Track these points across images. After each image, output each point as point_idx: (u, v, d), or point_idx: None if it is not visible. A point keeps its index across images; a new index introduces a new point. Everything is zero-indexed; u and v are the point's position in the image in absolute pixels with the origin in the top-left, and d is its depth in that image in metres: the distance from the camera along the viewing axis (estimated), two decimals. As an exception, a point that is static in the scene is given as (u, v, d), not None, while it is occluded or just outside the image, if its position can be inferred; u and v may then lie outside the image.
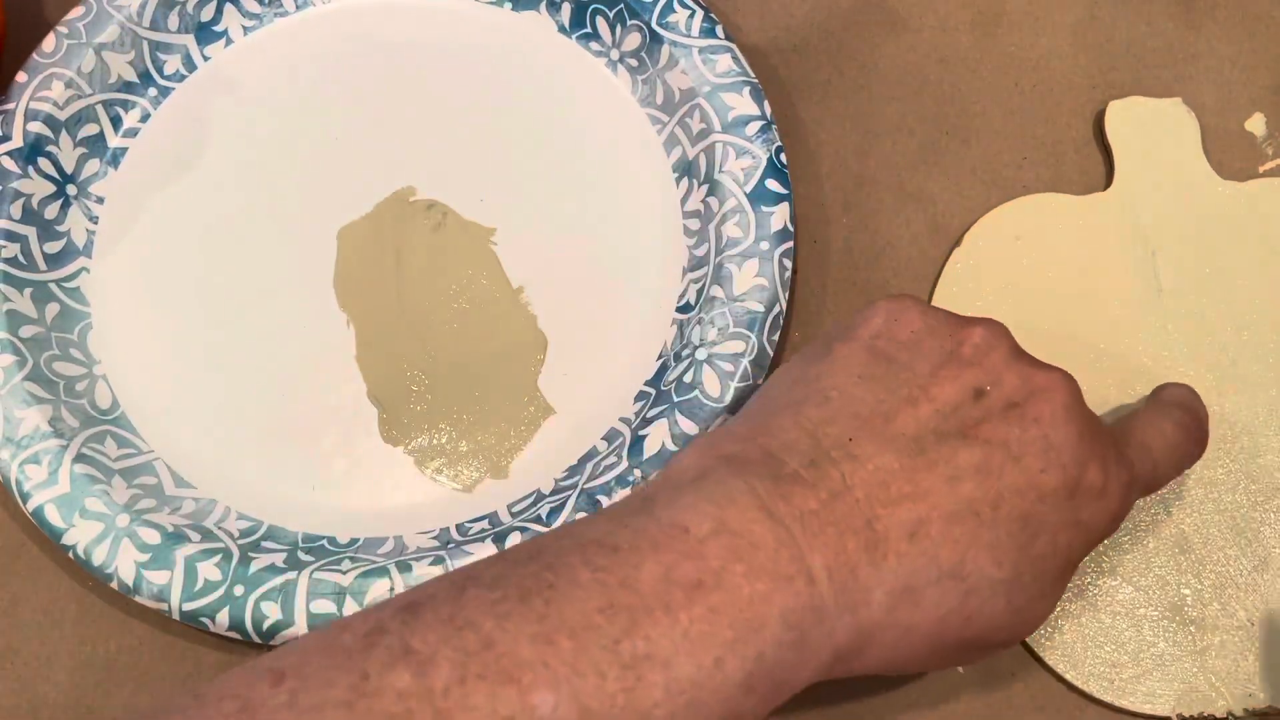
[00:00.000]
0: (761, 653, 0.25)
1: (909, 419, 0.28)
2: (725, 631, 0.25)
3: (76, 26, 0.40)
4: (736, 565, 0.25)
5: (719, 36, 0.39)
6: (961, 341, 0.29)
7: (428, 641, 0.24)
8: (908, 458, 0.27)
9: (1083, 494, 0.28)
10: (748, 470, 0.27)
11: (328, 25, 0.43)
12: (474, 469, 0.36)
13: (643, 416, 0.35)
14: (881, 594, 0.26)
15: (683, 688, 0.24)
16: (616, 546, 0.25)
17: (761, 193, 0.37)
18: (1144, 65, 0.42)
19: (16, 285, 0.37)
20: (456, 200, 0.40)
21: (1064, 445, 0.28)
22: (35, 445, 0.35)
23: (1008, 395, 0.29)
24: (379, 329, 0.38)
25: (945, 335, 0.30)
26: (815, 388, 0.29)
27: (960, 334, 0.30)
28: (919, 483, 0.27)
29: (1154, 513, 0.35)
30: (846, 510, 0.26)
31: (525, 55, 0.42)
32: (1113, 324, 0.38)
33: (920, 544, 0.27)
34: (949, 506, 0.27)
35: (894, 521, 0.26)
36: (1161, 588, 0.34)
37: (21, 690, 0.35)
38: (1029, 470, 0.28)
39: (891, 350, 0.29)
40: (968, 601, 0.27)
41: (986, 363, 0.29)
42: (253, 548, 0.34)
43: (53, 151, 0.39)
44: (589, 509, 0.33)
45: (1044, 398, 0.28)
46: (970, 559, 0.27)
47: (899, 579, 0.26)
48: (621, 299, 0.38)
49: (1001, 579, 0.27)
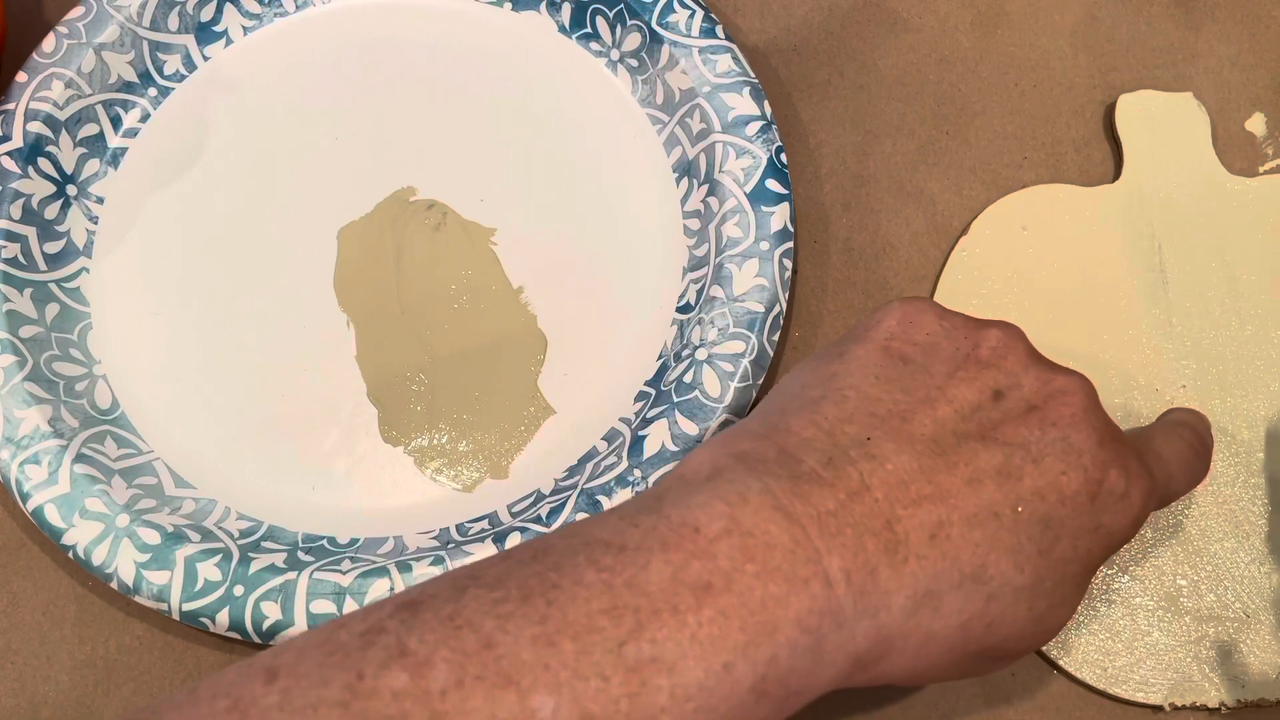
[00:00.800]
0: (774, 657, 0.24)
1: (927, 419, 0.27)
2: (736, 635, 0.24)
3: (76, 26, 0.40)
4: (748, 566, 0.24)
5: (719, 37, 0.39)
6: (978, 344, 0.29)
7: (426, 641, 0.23)
8: (927, 458, 0.27)
9: (1104, 497, 0.28)
10: (763, 468, 0.26)
11: (328, 25, 0.43)
12: (474, 469, 0.36)
13: (643, 417, 0.35)
14: (902, 598, 0.25)
15: (690, 693, 0.23)
16: (624, 546, 0.25)
17: (761, 193, 0.37)
18: (1144, 65, 0.42)
19: (16, 285, 0.37)
20: (457, 200, 0.40)
21: (1085, 448, 0.28)
22: (35, 445, 0.35)
23: (1027, 397, 0.28)
24: (379, 329, 0.38)
25: (961, 337, 0.29)
26: (832, 386, 0.28)
27: (976, 336, 0.29)
28: (939, 484, 0.26)
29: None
30: (866, 511, 0.26)
31: (525, 55, 0.42)
32: (1117, 316, 0.38)
33: (941, 546, 0.26)
34: (969, 509, 0.26)
35: (915, 523, 0.26)
36: (1158, 578, 0.34)
37: (21, 690, 0.35)
38: (1050, 472, 0.27)
39: (908, 351, 0.29)
40: (989, 607, 0.26)
41: (1004, 365, 0.29)
42: (253, 548, 0.34)
43: (53, 151, 0.39)
44: (589, 509, 0.33)
45: (1063, 400, 0.28)
46: (992, 562, 0.26)
47: (920, 582, 0.26)
48: (621, 299, 0.38)
49: (1023, 584, 0.27)
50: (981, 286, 0.38)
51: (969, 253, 0.39)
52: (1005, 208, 0.39)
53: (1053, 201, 0.39)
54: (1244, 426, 0.36)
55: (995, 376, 0.28)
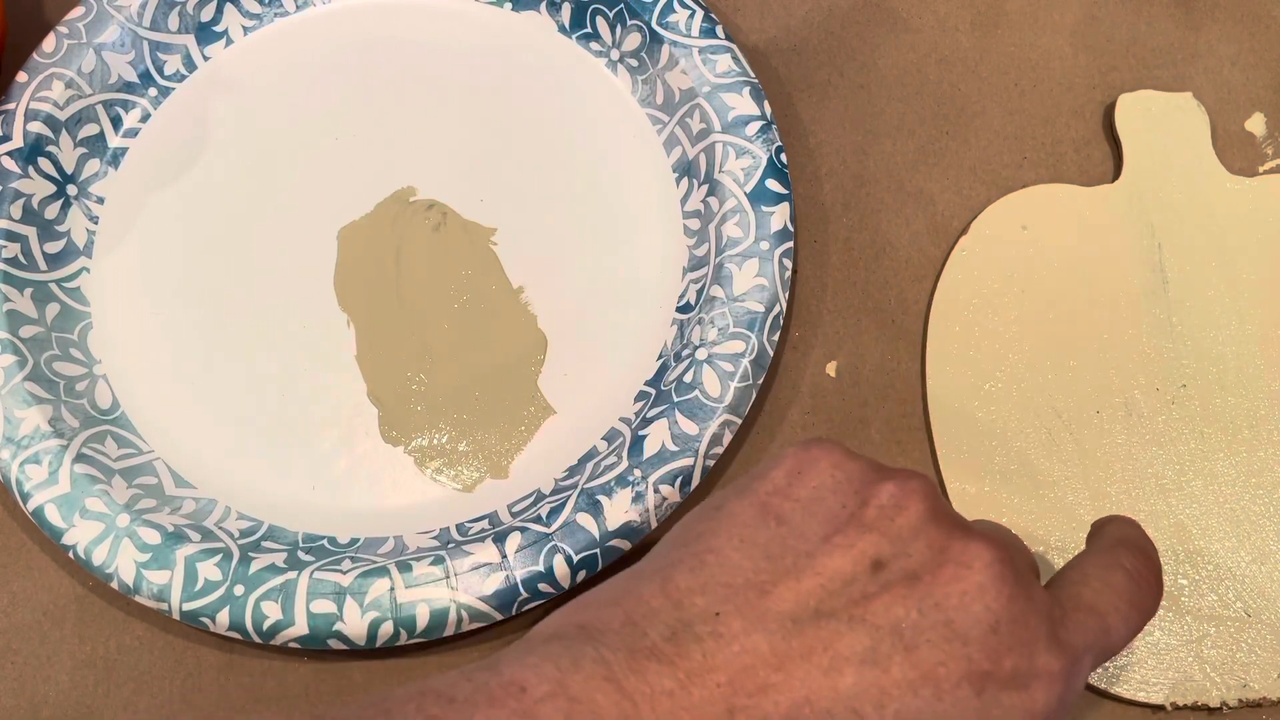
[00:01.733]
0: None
1: (788, 593, 0.25)
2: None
3: (77, 26, 0.40)
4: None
5: (719, 37, 0.39)
6: (866, 501, 0.26)
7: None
8: (781, 640, 0.24)
9: (995, 690, 0.24)
10: (602, 638, 0.25)
11: (328, 25, 0.43)
12: (474, 469, 0.36)
13: (643, 416, 0.35)
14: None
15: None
16: (453, 698, 0.24)
17: (761, 193, 0.37)
18: (1144, 65, 0.42)
19: (17, 285, 0.37)
20: (457, 200, 0.40)
21: (972, 632, 0.24)
22: (35, 445, 0.35)
23: (911, 568, 0.25)
24: (379, 329, 0.38)
25: (850, 493, 0.26)
26: (693, 550, 0.26)
27: (867, 492, 0.26)
28: (790, 671, 0.24)
29: (1153, 504, 0.35)
30: (705, 696, 0.23)
31: (526, 55, 0.42)
32: (1117, 315, 0.38)
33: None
34: (824, 702, 0.24)
35: (758, 714, 0.23)
36: None
37: (21, 690, 0.35)
38: (923, 663, 0.24)
39: (786, 510, 0.26)
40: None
41: (892, 528, 0.25)
42: (253, 548, 0.34)
43: (53, 151, 0.39)
44: (589, 509, 0.34)
45: (956, 574, 0.25)
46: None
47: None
48: (622, 299, 0.38)
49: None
50: (982, 286, 0.38)
51: (969, 252, 0.39)
52: (1005, 207, 0.39)
53: (1053, 201, 0.39)
54: (1244, 426, 0.36)
55: (877, 543, 0.25)
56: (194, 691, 0.35)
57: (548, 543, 0.33)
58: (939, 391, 0.37)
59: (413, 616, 0.32)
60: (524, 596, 0.33)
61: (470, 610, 0.33)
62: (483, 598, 0.33)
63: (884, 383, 0.38)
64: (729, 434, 0.35)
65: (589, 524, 0.33)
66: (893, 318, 0.39)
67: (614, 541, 0.33)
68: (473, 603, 0.33)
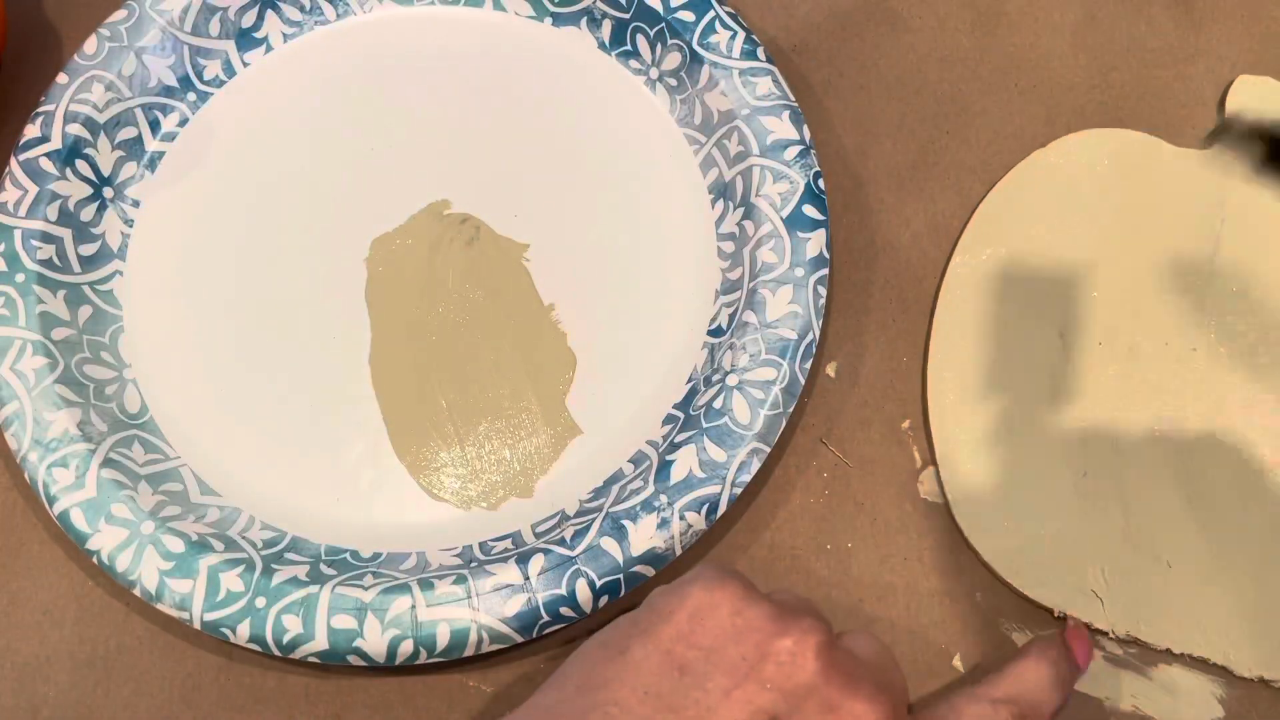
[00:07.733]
0: None
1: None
2: None
3: (118, 29, 0.40)
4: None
5: (760, 59, 0.39)
6: (766, 656, 0.26)
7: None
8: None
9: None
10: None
11: (367, 36, 0.43)
12: (499, 486, 0.36)
13: (670, 441, 0.35)
14: None
15: None
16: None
17: (798, 218, 0.37)
18: (1144, 65, 0.42)
19: (50, 287, 0.37)
20: (490, 215, 0.40)
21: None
22: (64, 449, 0.35)
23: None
24: (408, 341, 0.38)
25: (751, 645, 0.26)
26: (599, 698, 0.26)
27: (768, 645, 0.26)
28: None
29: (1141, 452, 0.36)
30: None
31: (564, 71, 0.42)
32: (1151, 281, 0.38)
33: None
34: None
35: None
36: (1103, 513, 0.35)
37: (21, 690, 0.35)
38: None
39: (689, 659, 0.26)
40: None
41: (788, 684, 0.26)
42: (276, 559, 0.34)
43: (90, 154, 0.39)
44: (614, 533, 0.33)
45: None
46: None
47: None
48: (653, 320, 0.38)
49: None
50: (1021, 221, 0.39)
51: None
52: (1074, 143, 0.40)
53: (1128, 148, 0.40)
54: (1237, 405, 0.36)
55: (774, 701, 0.26)
56: (194, 691, 0.34)
57: (571, 566, 0.33)
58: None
59: (433, 635, 0.32)
60: (545, 620, 0.33)
61: (491, 632, 0.32)
62: (504, 619, 0.32)
63: (884, 383, 0.38)
64: (757, 462, 0.34)
65: (613, 549, 0.33)
66: (893, 318, 0.39)
67: (638, 568, 0.33)
68: (494, 624, 0.32)
